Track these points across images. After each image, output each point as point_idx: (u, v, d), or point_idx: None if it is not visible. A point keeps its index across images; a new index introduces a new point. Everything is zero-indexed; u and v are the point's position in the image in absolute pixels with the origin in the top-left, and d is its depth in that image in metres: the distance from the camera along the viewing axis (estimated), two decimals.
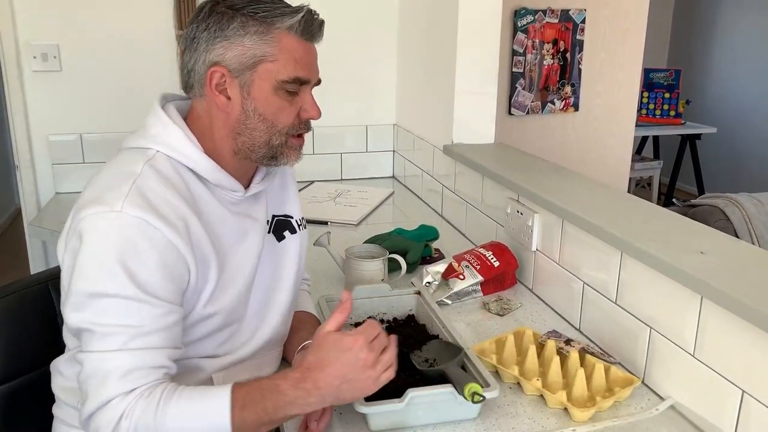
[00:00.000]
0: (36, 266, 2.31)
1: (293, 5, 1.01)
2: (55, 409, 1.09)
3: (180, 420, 0.87)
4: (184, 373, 1.01)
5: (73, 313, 0.90)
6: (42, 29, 2.20)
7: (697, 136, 4.72)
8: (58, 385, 1.07)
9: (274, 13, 0.98)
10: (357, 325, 1.32)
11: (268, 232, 1.15)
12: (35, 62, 2.20)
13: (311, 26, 1.01)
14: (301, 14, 0.99)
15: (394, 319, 1.35)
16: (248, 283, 1.08)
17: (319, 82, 1.06)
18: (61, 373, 1.06)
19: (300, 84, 1.01)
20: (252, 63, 0.98)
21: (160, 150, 0.99)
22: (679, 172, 4.79)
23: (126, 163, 0.98)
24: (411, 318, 1.35)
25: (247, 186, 1.09)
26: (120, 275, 0.88)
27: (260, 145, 1.02)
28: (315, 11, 1.02)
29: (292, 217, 1.21)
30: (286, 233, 1.19)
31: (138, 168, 0.95)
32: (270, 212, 1.16)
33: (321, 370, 0.91)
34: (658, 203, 4.69)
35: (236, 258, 1.05)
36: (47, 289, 1.17)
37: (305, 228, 1.24)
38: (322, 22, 1.03)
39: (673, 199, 4.50)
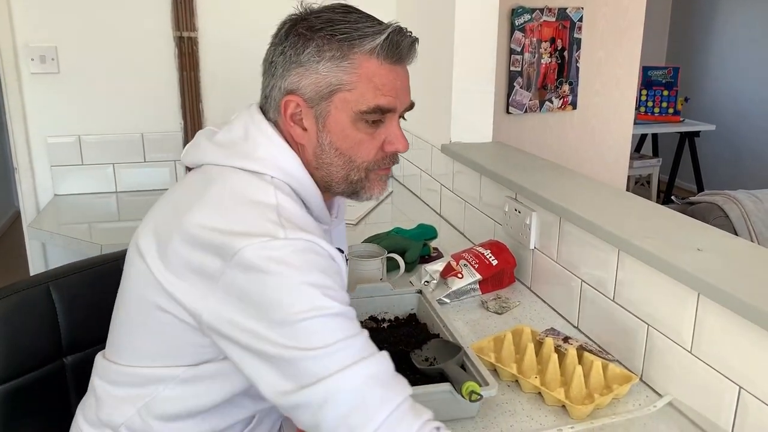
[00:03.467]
0: (35, 268, 2.31)
1: (380, 22, 0.90)
2: (82, 423, 1.00)
3: None
4: (229, 407, 0.95)
5: (277, 349, 0.78)
6: (40, 31, 2.20)
7: (696, 134, 4.72)
8: (105, 390, 0.97)
9: (353, 35, 0.87)
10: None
11: None
12: (33, 64, 2.20)
13: (397, 48, 0.88)
14: (384, 35, 0.87)
15: (396, 318, 1.35)
16: None
17: (411, 106, 0.95)
18: (114, 394, 0.96)
19: (382, 113, 0.91)
20: (328, 92, 0.88)
21: (275, 176, 0.89)
22: (678, 169, 4.80)
23: (249, 190, 0.87)
24: (412, 317, 1.35)
25: None
26: (317, 295, 0.79)
27: (338, 180, 0.94)
28: (405, 29, 0.90)
29: (342, 252, 1.13)
30: None
31: (271, 197, 0.86)
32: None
33: None
34: (657, 201, 4.71)
35: None
36: (48, 290, 1.18)
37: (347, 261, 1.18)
38: (412, 39, 0.91)
39: (672, 197, 4.50)
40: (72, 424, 1.04)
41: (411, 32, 0.92)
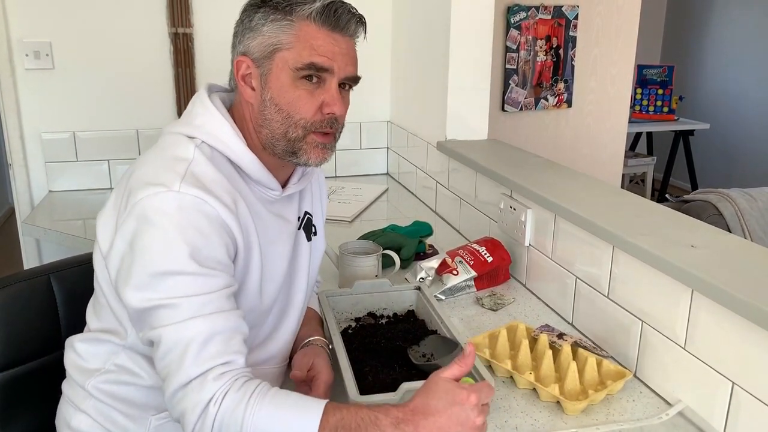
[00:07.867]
0: (30, 264, 2.30)
1: None
2: (65, 386, 1.10)
3: (268, 424, 0.84)
4: None
5: (137, 293, 0.89)
6: (34, 27, 2.19)
7: (690, 132, 4.74)
8: (70, 361, 1.08)
9: (294, 2, 0.97)
10: (357, 320, 1.32)
11: (299, 229, 1.14)
12: (28, 60, 2.20)
13: (334, 14, 0.97)
14: (321, 2, 0.96)
15: (394, 314, 1.35)
16: (278, 287, 1.07)
17: (356, 80, 1.03)
18: (76, 350, 1.06)
19: (317, 71, 0.97)
20: (270, 51, 0.98)
21: (205, 140, 0.98)
22: (672, 168, 4.81)
23: (174, 147, 0.97)
24: (411, 313, 1.35)
25: (284, 186, 1.08)
26: (184, 254, 0.87)
27: (278, 137, 1.00)
28: (346, 3, 0.99)
29: (310, 216, 1.20)
30: (313, 233, 1.19)
31: (189, 153, 0.95)
32: (303, 209, 1.16)
33: (425, 416, 0.86)
34: (651, 199, 4.71)
35: (271, 259, 1.04)
36: (49, 281, 1.19)
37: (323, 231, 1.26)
38: (354, 15, 0.99)
39: (667, 195, 4.52)
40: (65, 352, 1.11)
41: (356, 9, 1.00)
